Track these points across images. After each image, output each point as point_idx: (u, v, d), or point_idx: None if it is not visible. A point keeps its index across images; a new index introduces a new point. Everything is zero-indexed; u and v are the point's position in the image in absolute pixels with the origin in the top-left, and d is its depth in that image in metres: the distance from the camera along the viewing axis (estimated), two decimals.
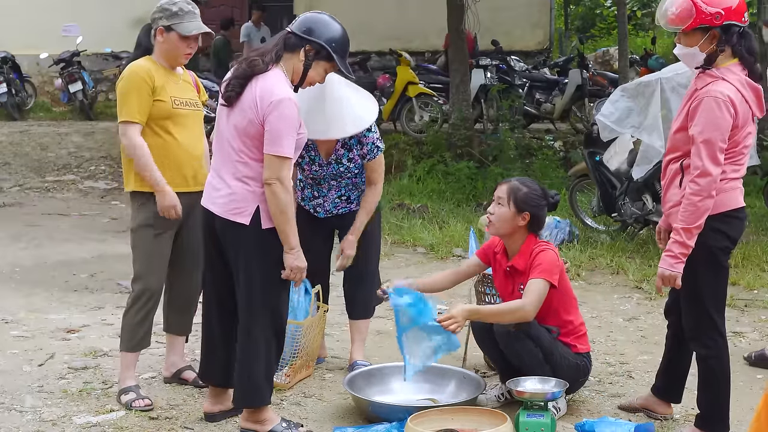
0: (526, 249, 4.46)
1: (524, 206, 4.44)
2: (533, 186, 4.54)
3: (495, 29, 16.30)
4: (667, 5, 3.91)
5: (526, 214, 4.44)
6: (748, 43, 3.89)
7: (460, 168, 11.49)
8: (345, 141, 4.79)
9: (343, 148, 4.81)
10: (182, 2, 4.50)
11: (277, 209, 3.87)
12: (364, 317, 5.06)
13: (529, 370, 4.31)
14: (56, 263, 7.84)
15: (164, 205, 4.42)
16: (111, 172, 12.37)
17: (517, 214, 4.44)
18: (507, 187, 4.51)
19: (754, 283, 7.07)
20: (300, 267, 3.97)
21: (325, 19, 4.07)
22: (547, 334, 4.38)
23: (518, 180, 4.58)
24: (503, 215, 4.46)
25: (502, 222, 4.47)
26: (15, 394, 4.64)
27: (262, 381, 4.03)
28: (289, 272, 3.96)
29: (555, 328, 4.42)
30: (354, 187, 4.91)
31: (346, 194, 4.92)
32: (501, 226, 4.49)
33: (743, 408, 4.50)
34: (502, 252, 4.59)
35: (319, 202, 4.91)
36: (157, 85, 4.46)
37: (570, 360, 4.40)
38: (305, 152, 4.82)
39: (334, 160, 4.82)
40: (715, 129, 3.77)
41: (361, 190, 4.92)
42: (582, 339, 4.51)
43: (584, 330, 4.56)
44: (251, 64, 3.95)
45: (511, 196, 4.45)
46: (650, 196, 8.11)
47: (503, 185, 4.55)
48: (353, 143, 4.80)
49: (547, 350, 4.33)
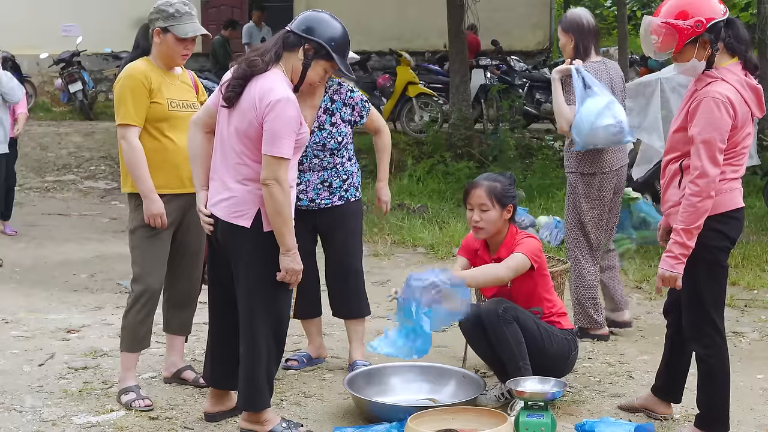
0: (510, 240, 4.55)
1: (506, 200, 4.54)
2: (502, 178, 4.62)
3: (495, 29, 16.32)
4: (646, 37, 3.91)
5: (510, 207, 4.55)
6: (735, 32, 3.88)
7: (460, 168, 11.50)
8: (326, 106, 4.84)
9: (325, 114, 4.85)
10: (179, 3, 4.50)
11: (274, 210, 3.86)
12: (357, 316, 5.04)
13: (511, 355, 4.35)
14: (56, 263, 7.84)
15: (152, 212, 4.43)
16: (111, 172, 12.37)
17: (502, 210, 4.52)
18: (484, 190, 4.53)
19: (754, 283, 7.07)
20: (296, 269, 3.94)
21: (325, 18, 4.05)
22: (531, 316, 4.48)
23: (486, 179, 4.61)
24: (492, 218, 4.52)
25: (492, 224, 4.53)
26: (15, 394, 4.64)
27: (263, 384, 4.03)
28: (285, 274, 3.93)
29: (538, 308, 4.54)
30: (336, 173, 4.89)
31: (328, 180, 4.88)
32: (491, 229, 4.55)
33: (743, 408, 4.51)
34: (483, 248, 4.65)
35: (301, 188, 4.86)
36: (154, 87, 4.46)
37: (558, 336, 4.51)
38: None
39: (317, 128, 4.84)
40: (714, 130, 3.77)
41: (343, 180, 4.90)
42: (564, 317, 4.64)
43: (564, 309, 4.69)
44: (250, 64, 3.93)
45: (493, 196, 4.51)
46: (650, 196, 8.11)
47: (478, 190, 4.55)
48: (336, 107, 4.86)
49: (533, 330, 4.42)
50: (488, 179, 4.60)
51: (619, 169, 5.56)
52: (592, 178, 5.47)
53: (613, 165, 5.50)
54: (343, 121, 4.88)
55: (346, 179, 4.92)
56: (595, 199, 5.51)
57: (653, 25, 3.87)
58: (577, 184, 5.51)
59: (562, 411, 4.47)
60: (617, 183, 5.59)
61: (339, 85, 4.91)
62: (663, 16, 3.84)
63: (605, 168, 5.47)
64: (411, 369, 4.67)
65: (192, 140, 4.16)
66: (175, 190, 4.53)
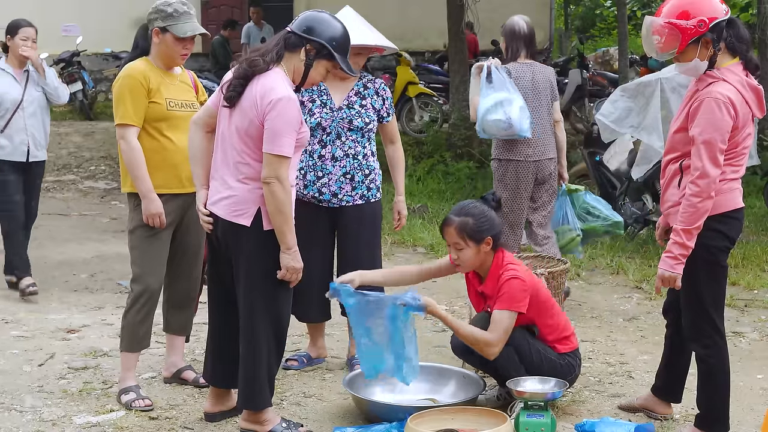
0: (495, 272, 4.36)
1: (480, 235, 4.29)
2: (474, 210, 4.34)
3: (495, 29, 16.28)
4: (648, 38, 3.89)
5: (488, 239, 4.31)
6: (737, 31, 3.88)
7: (460, 168, 11.50)
8: (359, 90, 4.91)
9: (356, 96, 4.90)
10: (177, 3, 4.50)
11: (275, 208, 3.86)
12: None
13: (505, 372, 4.30)
14: (56, 263, 7.84)
15: (150, 212, 4.43)
16: (111, 172, 12.36)
17: (479, 245, 4.31)
18: (453, 229, 4.30)
19: (754, 283, 7.07)
20: (296, 267, 3.95)
21: (325, 18, 4.05)
22: (525, 335, 4.36)
23: (457, 213, 4.35)
24: (468, 256, 4.32)
25: (471, 261, 4.35)
26: (15, 394, 4.64)
27: (264, 383, 4.03)
28: (285, 272, 3.94)
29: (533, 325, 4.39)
30: (359, 165, 4.88)
31: (350, 172, 4.87)
32: (470, 264, 4.38)
33: (743, 408, 4.51)
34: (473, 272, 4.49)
35: (324, 182, 4.86)
36: (152, 87, 4.47)
37: (552, 361, 4.36)
38: (317, 96, 4.89)
39: (345, 105, 4.87)
40: (715, 130, 3.77)
41: (365, 175, 4.90)
42: (565, 340, 4.45)
43: (570, 331, 4.51)
44: (252, 64, 3.94)
45: (464, 234, 4.28)
46: (650, 196, 8.11)
47: (449, 228, 4.31)
48: (368, 93, 4.92)
49: (525, 352, 4.31)
50: (460, 213, 4.33)
51: (539, 161, 6.04)
52: (507, 165, 6.04)
53: (529, 156, 6.02)
54: (373, 107, 4.93)
55: (368, 174, 4.92)
56: (511, 185, 6.05)
57: (655, 25, 3.86)
58: (496, 170, 6.14)
59: (562, 411, 4.47)
60: (539, 174, 6.06)
61: (373, 76, 5.04)
62: (665, 17, 3.83)
63: (519, 157, 6.01)
64: None
65: (192, 140, 4.16)
66: (174, 189, 4.53)
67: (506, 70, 5.96)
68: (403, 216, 5.14)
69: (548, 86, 6.13)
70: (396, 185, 5.14)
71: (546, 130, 6.07)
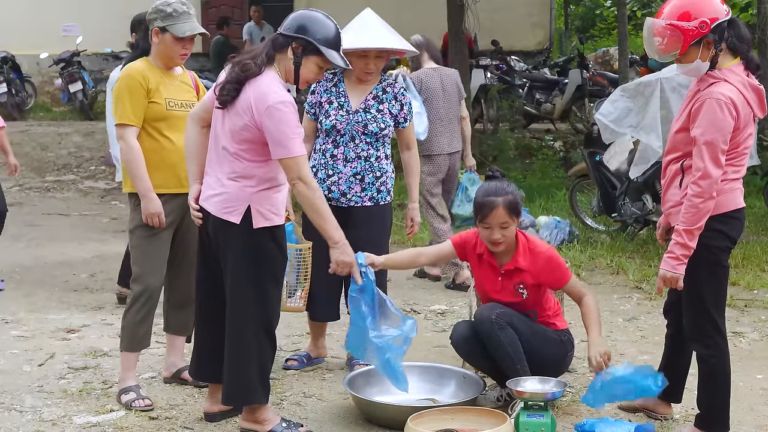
0: (523, 247, 4.43)
1: (520, 208, 4.43)
2: (506, 187, 4.41)
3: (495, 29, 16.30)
4: (649, 39, 3.88)
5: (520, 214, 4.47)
6: (738, 31, 3.87)
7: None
8: (377, 94, 4.91)
9: (374, 100, 4.90)
10: (177, 3, 4.50)
11: (309, 208, 3.96)
12: None
13: (509, 359, 4.31)
14: (56, 263, 7.84)
15: (149, 211, 4.44)
16: (111, 172, 12.33)
17: (518, 219, 4.42)
18: (502, 209, 4.31)
19: (754, 283, 7.07)
20: (345, 261, 4.02)
21: (311, 15, 4.03)
22: (525, 319, 4.44)
23: (497, 193, 4.35)
24: (512, 232, 4.39)
25: (512, 238, 4.42)
26: (15, 394, 4.64)
27: (255, 382, 4.02)
28: (335, 266, 4.02)
29: (532, 311, 4.48)
30: (370, 167, 4.88)
31: (361, 173, 4.87)
32: (511, 242, 4.43)
33: (743, 408, 4.51)
34: (488, 253, 4.48)
35: (333, 180, 4.87)
36: (152, 86, 4.47)
37: (552, 338, 4.49)
38: (335, 98, 4.90)
39: (362, 109, 4.87)
40: (717, 131, 3.76)
41: (376, 177, 4.89)
42: (558, 317, 4.61)
43: (560, 310, 4.67)
44: (244, 68, 3.95)
45: (511, 211, 4.34)
46: (650, 196, 8.11)
47: (498, 210, 4.30)
48: (386, 98, 4.91)
49: (528, 334, 4.38)
50: (500, 193, 4.35)
51: (451, 153, 7.00)
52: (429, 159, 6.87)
53: (443, 149, 6.93)
54: (389, 112, 4.92)
55: (379, 176, 4.92)
56: (433, 173, 6.94)
57: (657, 27, 3.85)
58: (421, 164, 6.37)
59: (562, 411, 4.47)
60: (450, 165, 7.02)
61: (394, 80, 5.03)
62: (666, 18, 3.82)
63: (436, 151, 6.91)
64: (411, 369, 4.65)
65: (188, 134, 4.21)
66: (173, 189, 4.53)
67: (416, 77, 6.81)
68: (416, 223, 5.15)
69: (455, 87, 6.98)
70: (410, 192, 5.16)
71: (456, 126, 7.02)
